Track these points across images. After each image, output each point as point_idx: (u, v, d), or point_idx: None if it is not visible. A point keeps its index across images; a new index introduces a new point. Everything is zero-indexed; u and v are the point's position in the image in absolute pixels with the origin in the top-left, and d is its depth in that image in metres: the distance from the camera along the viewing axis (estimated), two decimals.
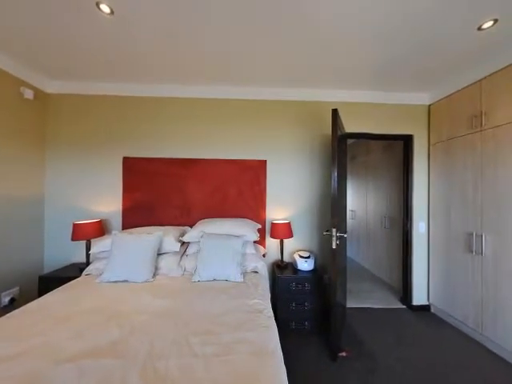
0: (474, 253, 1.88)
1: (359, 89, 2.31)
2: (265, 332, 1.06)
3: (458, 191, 2.05)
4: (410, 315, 2.28)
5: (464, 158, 2.00)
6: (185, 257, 1.87)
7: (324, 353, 1.69)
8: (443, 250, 2.21)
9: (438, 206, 2.29)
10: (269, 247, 2.33)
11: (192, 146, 2.32)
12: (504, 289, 1.67)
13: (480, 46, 1.63)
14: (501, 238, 1.70)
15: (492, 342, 1.75)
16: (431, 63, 1.84)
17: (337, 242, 1.63)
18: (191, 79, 2.16)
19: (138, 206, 2.25)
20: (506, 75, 1.68)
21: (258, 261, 1.85)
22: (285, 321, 1.91)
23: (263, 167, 2.34)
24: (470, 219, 1.93)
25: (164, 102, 2.30)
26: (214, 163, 2.31)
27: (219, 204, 2.30)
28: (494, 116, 1.75)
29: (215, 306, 1.27)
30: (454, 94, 2.11)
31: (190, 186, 2.29)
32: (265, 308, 1.29)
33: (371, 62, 1.84)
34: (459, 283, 2.03)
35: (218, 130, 2.34)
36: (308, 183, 2.38)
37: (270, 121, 2.37)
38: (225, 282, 1.60)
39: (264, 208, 2.33)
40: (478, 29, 1.45)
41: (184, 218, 2.27)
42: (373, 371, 1.52)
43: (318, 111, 2.38)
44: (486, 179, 1.81)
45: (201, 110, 2.33)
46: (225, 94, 2.32)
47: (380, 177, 3.36)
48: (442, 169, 2.25)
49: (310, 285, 1.92)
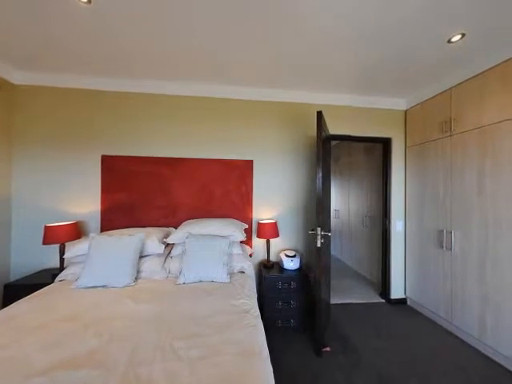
0: (445, 248, 2.03)
1: (342, 92, 2.40)
2: (251, 332, 1.06)
3: (431, 192, 2.21)
4: (388, 309, 2.41)
5: (435, 160, 2.16)
6: (169, 259, 1.82)
7: (309, 349, 1.73)
8: (418, 247, 2.36)
9: (413, 206, 2.45)
10: (255, 247, 2.34)
11: (177, 145, 2.26)
12: (470, 281, 1.82)
13: (450, 58, 1.76)
14: (467, 234, 1.85)
15: (460, 330, 1.91)
16: (407, 71, 1.97)
17: (321, 240, 1.68)
18: (177, 76, 2.10)
19: (119, 207, 2.14)
20: (471, 85, 1.84)
21: (244, 261, 1.85)
22: (271, 319, 1.93)
23: (250, 167, 2.34)
24: (441, 217, 2.09)
25: (148, 99, 2.22)
26: (201, 162, 2.27)
27: (205, 204, 2.26)
28: (461, 122, 1.91)
29: (201, 308, 1.25)
30: (427, 100, 2.27)
31: (175, 185, 2.23)
32: (251, 308, 1.29)
33: (353, 68, 1.92)
34: (432, 277, 2.18)
35: (205, 128, 2.30)
36: (294, 183, 2.43)
37: (256, 121, 2.38)
38: (211, 283, 1.58)
39: (250, 208, 2.33)
40: (447, 41, 1.57)
41: (168, 218, 2.20)
42: (355, 364, 1.59)
43: (303, 113, 2.44)
44: (454, 181, 1.97)
45: (187, 108, 2.27)
46: (212, 92, 2.29)
47: (362, 177, 3.51)
48: (416, 171, 2.41)
49: (295, 283, 1.96)
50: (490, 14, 1.33)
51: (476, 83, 1.81)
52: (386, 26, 1.43)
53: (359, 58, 1.78)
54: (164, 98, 2.24)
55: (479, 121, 1.77)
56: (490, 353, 1.69)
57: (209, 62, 1.86)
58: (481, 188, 1.75)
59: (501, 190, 1.62)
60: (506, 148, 1.59)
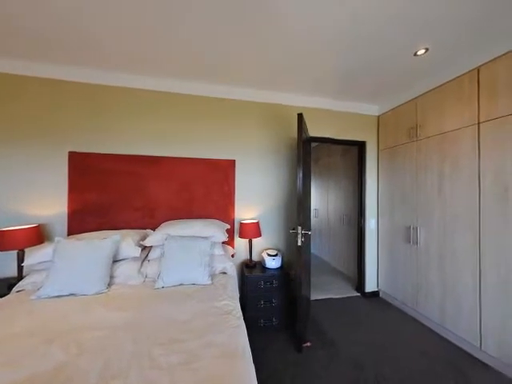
0: (412, 243, 2.22)
1: (322, 96, 2.49)
2: (234, 333, 1.05)
3: (400, 191, 2.40)
4: (362, 302, 2.57)
5: (404, 163, 2.35)
6: (146, 262, 1.73)
7: (291, 346, 1.77)
8: (389, 243, 2.55)
9: (384, 205, 2.64)
10: (237, 247, 2.33)
11: (157, 143, 2.16)
12: (432, 272, 2.02)
13: (416, 69, 1.93)
14: (430, 230, 2.05)
15: (425, 317, 2.10)
16: (378, 79, 2.11)
17: (302, 239, 1.73)
18: (157, 71, 1.99)
19: (90, 208, 1.98)
20: (434, 96, 2.04)
21: (226, 262, 1.83)
22: (254, 319, 1.93)
23: (232, 167, 2.32)
24: (408, 215, 2.28)
25: (125, 93, 2.08)
26: (181, 162, 2.19)
27: (186, 204, 2.19)
28: (426, 129, 2.11)
29: (181, 312, 1.21)
30: (397, 107, 2.46)
31: (153, 185, 2.12)
32: (234, 309, 1.28)
33: (331, 74, 2.01)
34: (401, 270, 2.37)
35: (186, 127, 2.23)
36: (275, 183, 2.46)
37: (239, 121, 2.37)
38: (192, 285, 1.54)
39: (233, 208, 2.31)
40: (414, 55, 1.72)
41: (146, 220, 2.09)
42: (333, 356, 1.67)
43: (285, 114, 2.48)
44: (419, 182, 2.16)
45: (167, 105, 2.18)
46: (194, 90, 2.22)
47: (340, 178, 3.69)
48: (387, 172, 2.60)
49: (277, 282, 1.99)
50: (449, 33, 1.49)
51: (438, 94, 2.00)
52: (360, 36, 1.53)
53: (336, 65, 1.87)
54: (143, 93, 2.12)
55: (440, 128, 1.97)
56: (449, 336, 1.89)
57: (192, 60, 1.80)
58: (441, 188, 1.95)
59: (457, 191, 1.82)
60: (463, 153, 1.79)
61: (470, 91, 1.74)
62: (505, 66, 1.53)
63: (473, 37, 1.53)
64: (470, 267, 1.72)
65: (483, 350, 1.62)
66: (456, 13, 1.33)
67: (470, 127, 1.74)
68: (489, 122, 1.62)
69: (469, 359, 1.66)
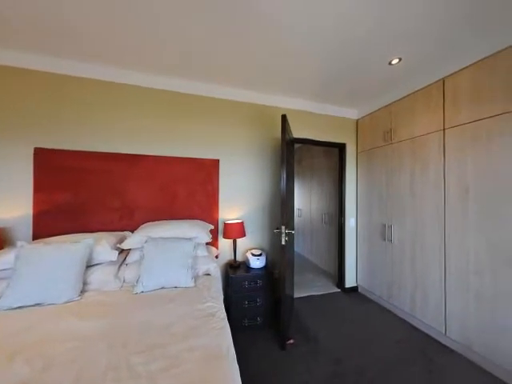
0: (387, 240, 2.37)
1: (306, 99, 2.56)
2: (218, 335, 1.04)
3: (376, 191, 2.55)
4: (343, 297, 2.68)
5: (379, 165, 2.50)
6: (124, 266, 1.64)
7: (275, 344, 1.79)
8: (367, 240, 2.70)
9: (363, 204, 2.78)
10: (222, 248, 2.30)
11: (136, 141, 2.05)
12: (405, 267, 2.17)
13: (390, 77, 2.07)
14: (402, 227, 2.20)
15: (398, 309, 2.26)
16: (357, 85, 2.23)
17: (286, 238, 1.76)
18: (137, 65, 1.90)
19: (60, 210, 1.82)
20: (406, 103, 2.19)
21: (210, 263, 1.80)
22: (238, 319, 1.92)
23: (216, 166, 2.29)
24: (384, 214, 2.43)
25: (101, 86, 1.95)
26: (163, 160, 2.11)
27: (168, 205, 2.11)
28: (399, 133, 2.26)
29: (162, 316, 1.16)
30: (374, 112, 2.61)
31: (132, 185, 2.02)
32: (218, 310, 1.26)
33: (313, 77, 2.07)
34: (377, 265, 2.52)
35: (169, 125, 2.15)
36: (259, 183, 2.48)
37: (223, 120, 2.34)
38: (174, 289, 1.49)
39: (217, 208, 2.28)
40: (389, 63, 1.84)
41: (124, 221, 1.98)
42: (315, 351, 1.72)
43: (269, 115, 2.51)
44: (393, 183, 2.32)
45: (148, 101, 2.09)
46: (177, 87, 2.16)
47: (322, 178, 3.81)
48: (365, 173, 2.74)
49: (261, 281, 2.00)
50: (419, 45, 1.62)
51: (409, 101, 2.16)
52: (340, 44, 1.60)
53: (318, 69, 1.93)
54: (121, 87, 2.01)
55: (411, 133, 2.13)
56: (419, 325, 2.05)
57: (175, 56, 1.75)
58: (412, 189, 2.11)
59: (426, 191, 1.98)
60: (431, 157, 1.95)
61: (437, 100, 1.90)
62: (466, 78, 1.70)
63: (439, 50, 1.67)
64: (437, 261, 1.88)
65: (447, 335, 1.78)
66: (425, 27, 1.45)
67: (436, 133, 1.90)
68: (452, 129, 1.78)
69: (435, 344, 1.82)
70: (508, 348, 1.44)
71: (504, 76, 1.48)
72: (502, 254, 1.47)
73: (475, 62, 1.64)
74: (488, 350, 1.54)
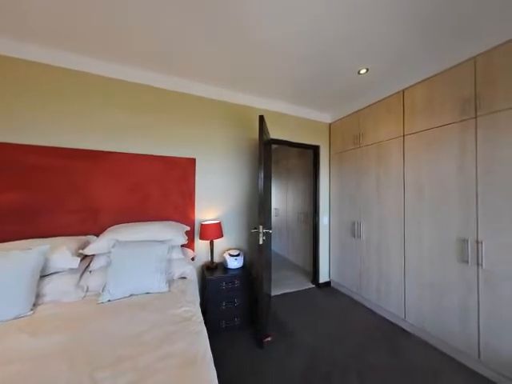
0: (356, 237, 2.55)
1: (282, 100, 2.62)
2: (194, 340, 1.01)
3: (347, 191, 2.73)
4: (317, 292, 2.82)
5: (350, 167, 2.68)
6: (87, 274, 1.49)
7: (253, 343, 1.80)
8: (338, 237, 2.87)
9: (335, 203, 2.95)
10: (198, 249, 2.23)
11: (102, 136, 1.88)
12: (371, 260, 2.37)
13: (359, 85, 2.23)
14: (370, 225, 2.40)
15: (366, 300, 2.45)
16: (329, 91, 2.36)
17: (263, 237, 1.78)
18: (110, 55, 1.74)
19: (6, 213, 1.58)
20: (372, 110, 2.39)
21: (185, 266, 1.73)
22: (216, 322, 1.89)
23: (192, 165, 2.21)
24: (354, 212, 2.61)
25: (58, 73, 1.74)
26: (134, 158, 1.97)
27: (139, 206, 1.98)
28: (366, 137, 2.45)
29: (132, 325, 1.09)
30: (345, 117, 2.79)
31: (97, 184, 1.84)
32: (194, 314, 1.23)
33: (289, 80, 2.14)
34: (347, 260, 2.70)
35: (140, 120, 2.01)
36: (237, 183, 2.47)
37: (200, 118, 2.28)
38: (145, 295, 1.40)
39: (193, 209, 2.21)
40: (357, 73, 1.99)
41: (87, 224, 1.80)
42: (292, 346, 1.77)
43: (247, 115, 2.51)
44: (362, 183, 2.50)
45: (117, 94, 1.93)
46: (151, 80, 2.03)
47: (297, 179, 3.95)
48: (337, 174, 2.92)
49: (239, 281, 2.00)
50: (384, 58, 1.78)
51: (375, 109, 2.36)
52: (313, 50, 1.68)
53: (293, 72, 2.00)
54: (86, 76, 1.82)
55: (377, 138, 2.32)
56: (383, 312, 2.25)
57: (147, 47, 1.64)
58: (378, 189, 2.30)
59: (389, 191, 2.18)
60: (393, 160, 2.15)
61: (398, 109, 2.10)
62: (420, 91, 1.92)
63: (399, 65, 1.86)
64: (398, 254, 2.08)
65: (406, 320, 1.99)
66: (388, 44, 1.60)
67: (397, 139, 2.11)
68: (410, 136, 1.99)
69: (397, 329, 2.02)
70: (452, 327, 1.66)
71: (451, 91, 1.71)
72: (449, 247, 1.69)
73: (428, 78, 1.86)
74: (437, 330, 1.76)
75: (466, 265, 1.58)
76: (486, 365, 1.49)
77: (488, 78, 1.50)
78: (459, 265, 1.63)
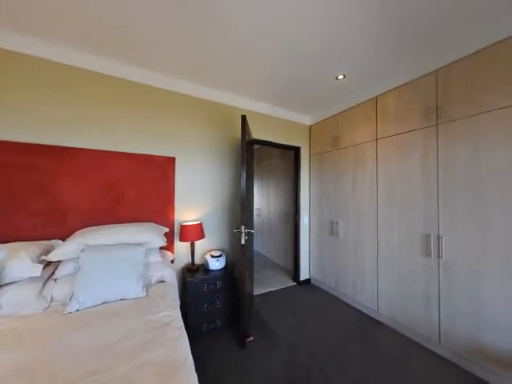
0: (334, 235, 2.67)
1: (264, 102, 2.64)
2: (173, 346, 0.97)
3: (326, 191, 2.84)
4: (297, 289, 2.89)
5: (329, 168, 2.80)
6: (51, 282, 1.35)
7: (235, 343, 1.79)
8: (318, 235, 2.98)
9: (315, 203, 3.06)
10: (178, 251, 2.16)
11: (70, 131, 1.72)
12: (348, 257, 2.50)
13: (337, 90, 2.34)
14: (347, 223, 2.53)
15: (343, 295, 2.57)
16: (309, 94, 2.44)
17: (245, 237, 1.78)
18: (82, 44, 1.60)
19: None
20: (349, 114, 2.52)
21: (164, 269, 1.66)
22: (197, 325, 1.84)
23: (171, 165, 2.13)
24: (332, 211, 2.73)
25: (16, 58, 1.55)
26: (106, 156, 1.83)
27: (112, 207, 1.85)
28: (344, 140, 2.58)
29: (105, 335, 1.01)
30: (324, 120, 2.90)
31: (63, 183, 1.68)
32: (173, 319, 1.18)
33: (271, 82, 2.16)
34: (326, 258, 2.81)
35: (115, 115, 1.89)
36: (219, 183, 2.43)
37: (181, 116, 2.20)
38: (120, 302, 1.31)
39: (172, 209, 2.13)
40: (335, 78, 2.08)
41: (52, 227, 1.64)
42: (273, 344, 1.80)
43: (229, 115, 2.49)
44: (339, 184, 2.63)
45: (89, 86, 1.78)
46: (127, 74, 1.92)
47: (279, 179, 4.01)
48: (317, 175, 3.03)
49: (221, 282, 1.97)
50: (358, 66, 1.88)
51: (351, 113, 2.49)
52: (294, 55, 1.72)
53: (275, 75, 2.03)
54: (50, 64, 1.65)
55: (353, 140, 2.46)
56: (358, 306, 2.38)
57: (122, 36, 1.54)
58: (354, 189, 2.44)
59: (364, 191, 2.32)
60: (367, 162, 2.29)
61: (371, 114, 2.25)
62: (391, 99, 2.07)
63: (372, 73, 1.99)
64: (372, 249, 2.23)
65: (379, 312, 2.14)
66: (363, 53, 1.70)
67: (371, 142, 2.25)
68: (382, 139, 2.14)
69: (371, 321, 2.15)
70: (417, 315, 1.82)
71: (417, 101, 1.87)
72: (415, 242, 1.85)
73: (397, 87, 2.02)
74: (405, 318, 1.91)
75: (429, 258, 1.75)
76: (445, 347, 1.66)
77: (447, 89, 1.67)
78: (423, 258, 1.79)
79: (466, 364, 1.55)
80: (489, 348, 1.44)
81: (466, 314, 1.54)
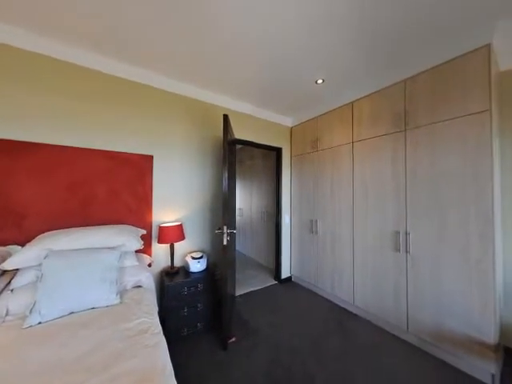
0: (314, 233, 2.77)
1: (247, 102, 2.64)
2: (151, 354, 0.93)
3: (305, 191, 2.93)
4: (279, 288, 2.94)
5: (309, 169, 2.89)
6: (7, 294, 1.20)
7: (217, 346, 1.76)
8: (298, 234, 3.06)
9: (295, 203, 3.14)
10: (156, 254, 2.06)
11: (32, 124, 1.55)
12: (326, 254, 2.60)
13: (316, 94, 2.43)
14: (325, 222, 2.63)
15: (322, 290, 2.68)
16: (290, 97, 2.50)
17: (227, 238, 1.76)
18: (39, 24, 1.43)
19: None
20: (328, 117, 2.63)
21: (141, 273, 1.58)
22: (177, 330, 1.78)
23: (149, 163, 2.03)
24: (311, 211, 2.82)
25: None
26: (74, 152, 1.68)
27: (80, 209, 1.70)
28: (322, 142, 2.69)
29: (72, 348, 0.93)
30: (305, 122, 2.99)
31: (21, 182, 1.51)
32: (151, 325, 1.13)
33: (253, 83, 2.17)
34: (306, 255, 2.90)
35: (86, 108, 1.74)
36: (200, 183, 2.38)
37: (160, 113, 2.10)
38: (90, 311, 1.21)
39: (150, 210, 2.03)
40: (315, 82, 2.16)
41: (8, 232, 1.46)
42: (256, 343, 1.80)
43: (211, 114, 2.44)
44: (318, 184, 2.73)
45: (55, 76, 1.62)
46: (101, 65, 1.79)
47: (261, 179, 4.04)
48: (298, 176, 3.11)
49: (202, 285, 1.92)
50: (336, 72, 1.97)
51: (330, 116, 2.60)
52: (275, 58, 1.75)
53: (257, 76, 2.04)
54: (15, 51, 1.46)
55: (331, 143, 2.57)
56: (336, 300, 2.50)
57: (94, 23, 1.42)
58: (332, 189, 2.55)
59: (341, 191, 2.44)
60: (344, 163, 2.41)
61: (348, 118, 2.37)
62: (365, 105, 2.20)
63: (348, 79, 2.10)
64: (348, 246, 2.35)
65: (355, 304, 2.26)
66: (339, 60, 1.78)
67: (348, 144, 2.37)
68: (358, 142, 2.27)
69: (347, 314, 2.27)
70: (388, 305, 1.97)
71: (387, 107, 2.01)
72: (386, 238, 2.00)
73: (371, 94, 2.15)
74: (378, 309, 2.05)
75: (399, 253, 1.90)
76: (412, 334, 1.81)
77: (413, 98, 1.83)
78: (394, 253, 1.94)
79: (430, 348, 1.71)
80: (448, 332, 1.60)
81: (430, 302, 1.70)
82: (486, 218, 1.44)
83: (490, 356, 1.42)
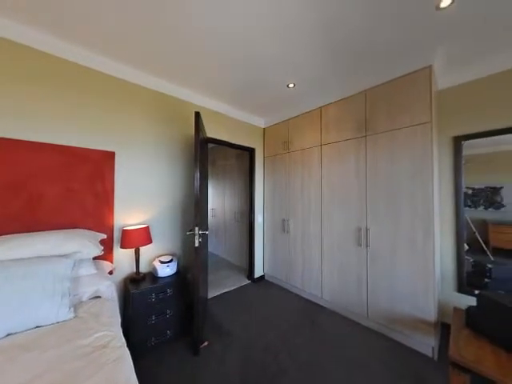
0: (286, 232, 2.86)
1: (220, 101, 2.59)
2: (112, 370, 0.84)
3: (278, 191, 3.02)
4: (252, 287, 2.96)
5: (281, 169, 2.98)
6: None
7: (188, 352, 1.69)
8: (271, 233, 3.13)
9: (268, 202, 3.20)
10: (119, 260, 1.88)
11: None
12: (297, 252, 2.72)
13: (288, 97, 2.51)
14: (296, 221, 2.74)
15: (294, 287, 2.79)
16: (263, 99, 2.54)
17: (199, 239, 1.70)
18: None
19: None
20: (298, 120, 2.75)
21: (100, 282, 1.42)
22: (143, 340, 1.65)
23: (110, 160, 1.84)
24: (284, 210, 2.91)
25: None
26: (11, 146, 1.43)
27: (24, 211, 1.46)
28: (294, 144, 2.79)
29: (11, 376, 0.79)
30: (277, 124, 3.07)
31: None
32: (112, 339, 1.03)
33: (225, 82, 2.15)
34: (278, 254, 2.98)
35: (35, 95, 1.50)
36: (170, 183, 2.25)
37: (122, 105, 1.92)
38: (34, 330, 1.05)
39: (111, 212, 1.84)
40: (287, 86, 2.23)
41: None
42: (228, 345, 1.79)
43: (181, 110, 2.33)
44: (290, 184, 2.83)
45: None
46: (56, 49, 1.56)
47: (234, 179, 4.01)
48: (270, 176, 3.17)
49: (172, 289, 1.83)
50: (306, 78, 2.07)
51: (300, 120, 2.72)
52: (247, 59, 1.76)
53: (231, 76, 2.03)
54: None
55: (302, 145, 2.69)
56: (307, 295, 2.62)
57: None
58: (302, 189, 2.67)
59: (311, 191, 2.57)
60: (313, 164, 2.55)
61: (317, 122, 2.51)
62: (332, 111, 2.36)
63: (316, 86, 2.22)
64: (317, 243, 2.49)
65: (323, 298, 2.41)
66: (308, 68, 1.87)
67: (317, 147, 2.51)
68: (326, 145, 2.42)
69: (317, 307, 2.41)
70: (352, 296, 2.14)
71: (351, 114, 2.19)
72: (351, 234, 2.17)
73: (337, 101, 2.32)
74: (343, 301, 2.22)
75: (360, 247, 2.08)
76: (371, 320, 2.01)
77: (373, 107, 2.03)
78: (357, 248, 2.12)
79: (386, 331, 1.92)
80: (399, 315, 1.82)
81: (385, 289, 1.91)
82: (428, 214, 1.68)
83: (430, 332, 1.66)
